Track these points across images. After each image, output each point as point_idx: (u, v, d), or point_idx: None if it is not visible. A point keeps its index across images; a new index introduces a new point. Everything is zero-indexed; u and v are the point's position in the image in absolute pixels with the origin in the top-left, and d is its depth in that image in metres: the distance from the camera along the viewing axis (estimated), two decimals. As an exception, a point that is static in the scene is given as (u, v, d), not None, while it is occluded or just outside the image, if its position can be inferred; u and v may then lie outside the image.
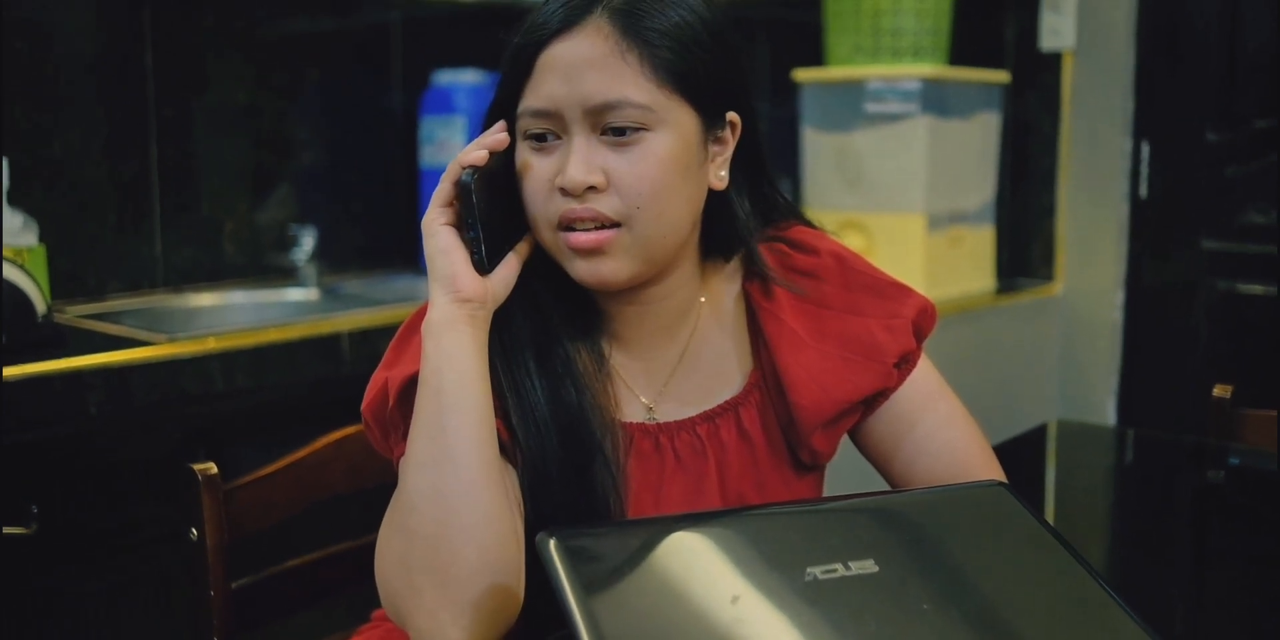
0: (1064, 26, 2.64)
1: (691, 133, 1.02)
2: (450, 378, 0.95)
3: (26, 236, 2.05)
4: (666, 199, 1.00)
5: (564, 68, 0.98)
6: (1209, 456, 1.61)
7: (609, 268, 1.00)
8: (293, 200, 2.58)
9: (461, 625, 0.91)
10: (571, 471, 1.01)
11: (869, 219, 2.51)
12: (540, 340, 1.05)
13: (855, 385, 1.09)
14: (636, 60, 0.98)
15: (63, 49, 2.22)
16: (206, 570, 1.21)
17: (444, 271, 0.98)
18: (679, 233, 1.03)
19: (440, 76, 2.65)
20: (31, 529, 1.69)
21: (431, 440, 0.94)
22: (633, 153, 0.98)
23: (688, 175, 1.01)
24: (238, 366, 1.91)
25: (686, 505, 1.07)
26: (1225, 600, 1.21)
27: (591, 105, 0.98)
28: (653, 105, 0.98)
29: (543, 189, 1.00)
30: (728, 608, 0.84)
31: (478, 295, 0.98)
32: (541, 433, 1.01)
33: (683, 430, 1.09)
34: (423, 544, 0.92)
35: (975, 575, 0.93)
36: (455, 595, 0.91)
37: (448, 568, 0.92)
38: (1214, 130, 2.55)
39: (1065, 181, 2.71)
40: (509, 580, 0.93)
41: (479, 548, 0.92)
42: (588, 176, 0.98)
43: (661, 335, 1.10)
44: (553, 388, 1.03)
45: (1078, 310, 2.72)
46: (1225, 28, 2.51)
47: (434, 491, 0.93)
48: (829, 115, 2.57)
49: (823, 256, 1.13)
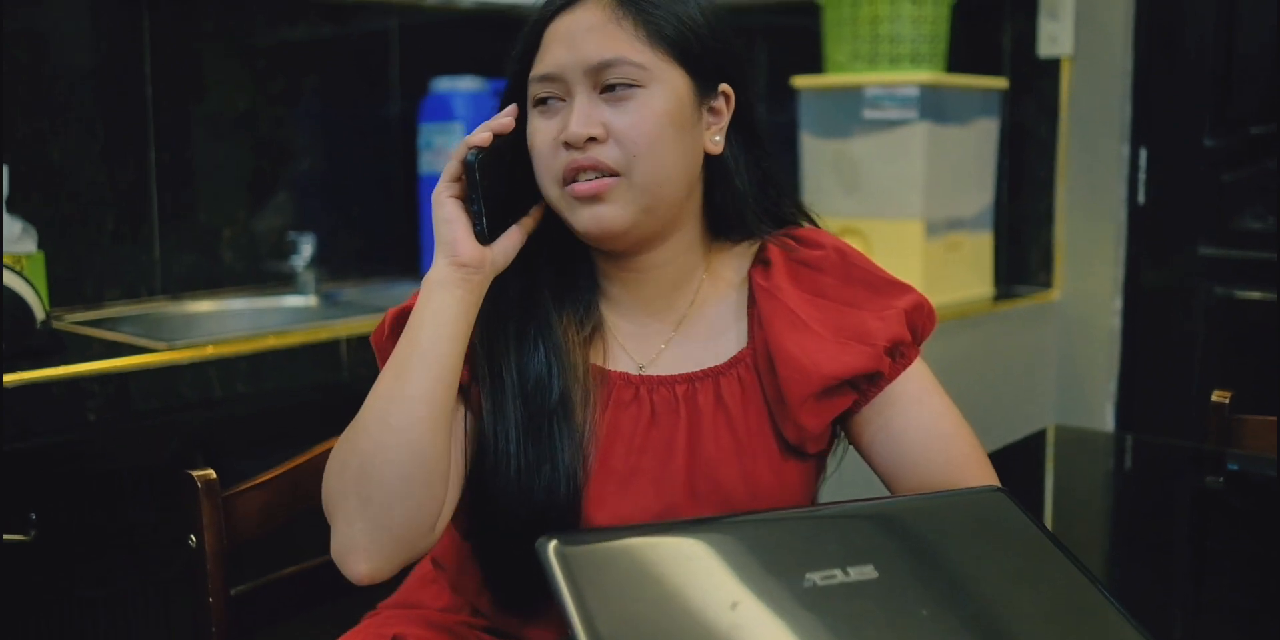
0: (1062, 33, 2.65)
1: (684, 93, 1.10)
2: (428, 332, 1.05)
3: (25, 243, 2.06)
4: (661, 149, 1.08)
5: (566, 36, 1.09)
6: (1208, 462, 1.61)
7: (609, 213, 1.08)
8: (291, 207, 2.58)
9: (371, 537, 1.02)
10: (527, 429, 1.09)
11: (867, 225, 2.52)
12: (525, 304, 1.14)
13: (844, 363, 1.12)
14: (631, 25, 1.08)
15: (61, 56, 2.22)
16: (206, 577, 1.20)
17: (445, 238, 1.08)
18: (676, 185, 1.11)
19: (438, 83, 2.66)
20: (31, 536, 1.69)
21: (395, 378, 1.05)
22: (628, 106, 1.08)
23: (681, 131, 1.10)
24: (236, 373, 1.91)
25: (657, 459, 1.12)
26: (1224, 606, 1.21)
27: (590, 65, 1.07)
28: (646, 64, 1.08)
29: (549, 146, 1.09)
30: (727, 613, 0.84)
31: (474, 261, 1.07)
32: (505, 392, 1.10)
33: (662, 385, 1.14)
34: (358, 460, 1.04)
35: (974, 581, 0.93)
36: (372, 512, 1.02)
37: (374, 487, 1.02)
38: (1211, 136, 2.55)
39: (1063, 187, 2.71)
40: (425, 515, 1.04)
41: (404, 479, 1.02)
42: (588, 128, 1.07)
43: (659, 303, 1.17)
44: (525, 351, 1.12)
45: (1076, 316, 2.72)
46: (1222, 34, 2.52)
47: (382, 420, 1.04)
48: (827, 122, 2.57)
49: (827, 251, 1.18)
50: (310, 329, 2.06)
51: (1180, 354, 2.61)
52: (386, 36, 2.71)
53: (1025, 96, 2.72)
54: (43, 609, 1.75)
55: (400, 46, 2.73)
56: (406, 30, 2.73)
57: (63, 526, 1.75)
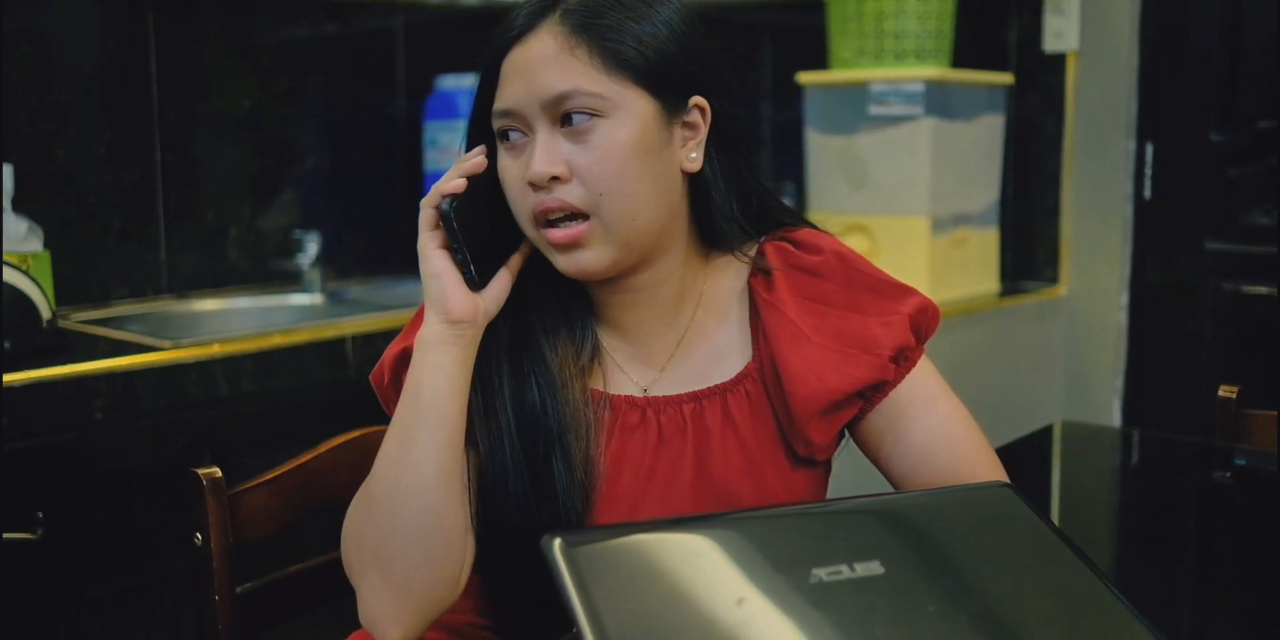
0: (1067, 28, 2.64)
1: (649, 117, 1.05)
2: (427, 394, 1.03)
3: (31, 243, 2.06)
4: (629, 183, 1.04)
5: (521, 69, 1.04)
6: (1214, 458, 1.60)
7: (588, 258, 1.05)
8: (296, 206, 2.58)
9: (397, 606, 1.02)
10: (526, 467, 1.07)
11: (873, 222, 2.51)
12: (515, 339, 1.11)
13: (850, 377, 1.10)
14: (586, 54, 1.03)
15: (67, 56, 2.23)
16: (212, 575, 1.21)
17: (436, 295, 1.05)
18: (651, 215, 1.06)
19: (443, 81, 2.66)
20: (38, 534, 1.69)
21: (400, 444, 1.03)
22: (590, 140, 1.03)
23: (649, 158, 1.05)
24: (242, 372, 1.91)
25: (665, 482, 1.10)
26: (1231, 602, 1.20)
27: (546, 98, 1.03)
28: (604, 93, 1.03)
29: (518, 187, 1.05)
30: (733, 610, 0.84)
31: (468, 316, 1.05)
32: (501, 429, 1.08)
33: (669, 406, 1.12)
34: (374, 532, 1.03)
35: (981, 577, 0.93)
36: (395, 582, 1.02)
37: (393, 559, 1.02)
38: (1217, 131, 2.55)
39: (1069, 183, 2.70)
40: (448, 575, 1.03)
41: (424, 547, 1.02)
42: (550, 167, 1.03)
43: (657, 322, 1.14)
44: (519, 387, 1.09)
45: (1082, 312, 2.71)
46: (1228, 29, 2.51)
47: (393, 490, 1.02)
48: (832, 118, 2.57)
49: (826, 255, 1.15)
50: (316, 327, 2.06)
51: (1187, 349, 2.61)
52: (391, 35, 2.71)
53: (1031, 92, 2.72)
54: (49, 607, 1.75)
55: (405, 45, 2.73)
56: (411, 28, 2.73)
57: (69, 525, 1.75)
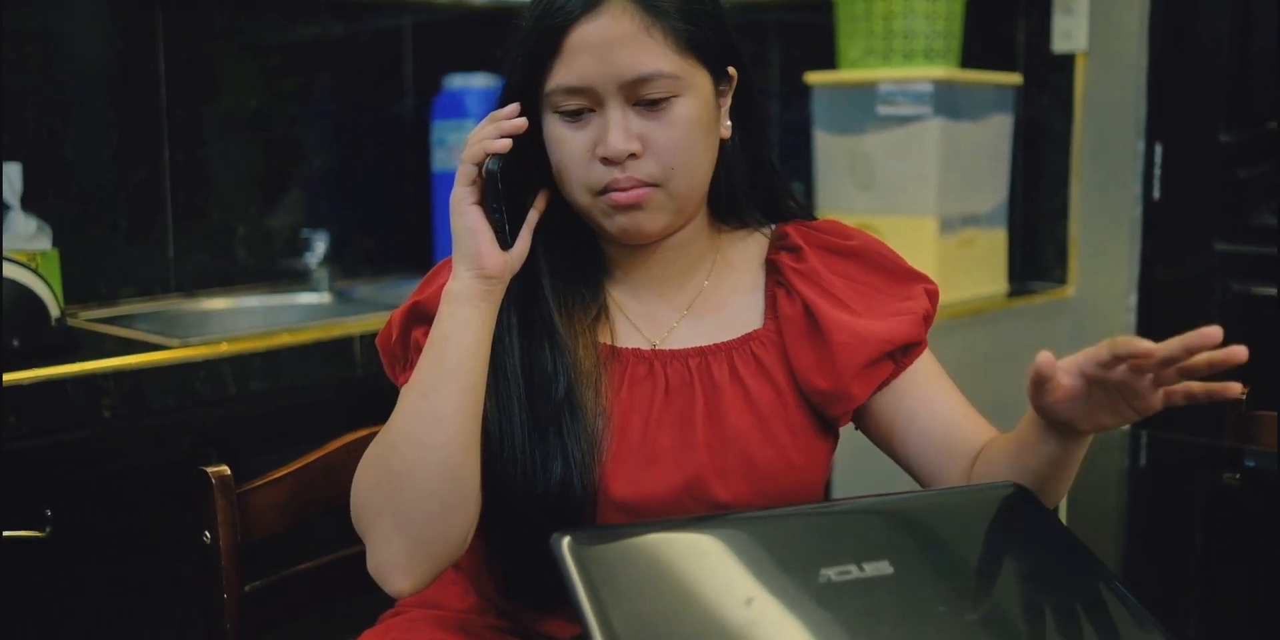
0: (1076, 28, 2.64)
1: (708, 93, 1.10)
2: (454, 348, 1.05)
3: (40, 241, 2.06)
4: (697, 157, 1.09)
5: (595, 47, 1.05)
6: (1224, 459, 1.60)
7: (647, 219, 1.09)
8: (304, 205, 2.58)
9: (407, 554, 1.03)
10: (534, 427, 1.08)
11: (881, 222, 2.51)
12: (527, 297, 1.13)
13: (893, 329, 1.15)
14: (661, 35, 1.06)
15: (75, 55, 2.23)
16: (220, 573, 1.21)
17: (470, 249, 1.06)
18: (706, 184, 1.13)
19: (451, 81, 2.66)
20: (45, 532, 1.69)
21: (423, 397, 1.04)
22: (664, 119, 1.06)
23: (709, 132, 1.11)
24: (250, 370, 1.91)
25: (677, 435, 1.11)
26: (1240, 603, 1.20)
27: (627, 80, 1.05)
28: (680, 74, 1.06)
29: (582, 158, 1.07)
30: (742, 609, 0.84)
31: (499, 271, 1.06)
32: (510, 390, 1.09)
33: (676, 359, 1.15)
34: (391, 481, 1.03)
35: (990, 577, 0.92)
36: (408, 531, 1.03)
37: (408, 507, 1.02)
38: (1227, 131, 2.54)
39: (1078, 183, 2.70)
40: (459, 528, 1.04)
41: (440, 498, 1.02)
42: (628, 144, 1.05)
43: (669, 284, 1.18)
44: (529, 346, 1.11)
45: (1090, 312, 2.71)
46: (1237, 29, 2.50)
47: (412, 440, 1.03)
48: (841, 118, 2.57)
49: (857, 241, 1.21)
50: (324, 326, 2.06)
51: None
52: (399, 34, 2.71)
53: (1040, 92, 2.72)
54: (57, 605, 1.75)
55: (413, 44, 2.73)
56: (419, 28, 2.73)
57: (77, 523, 1.75)
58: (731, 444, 1.11)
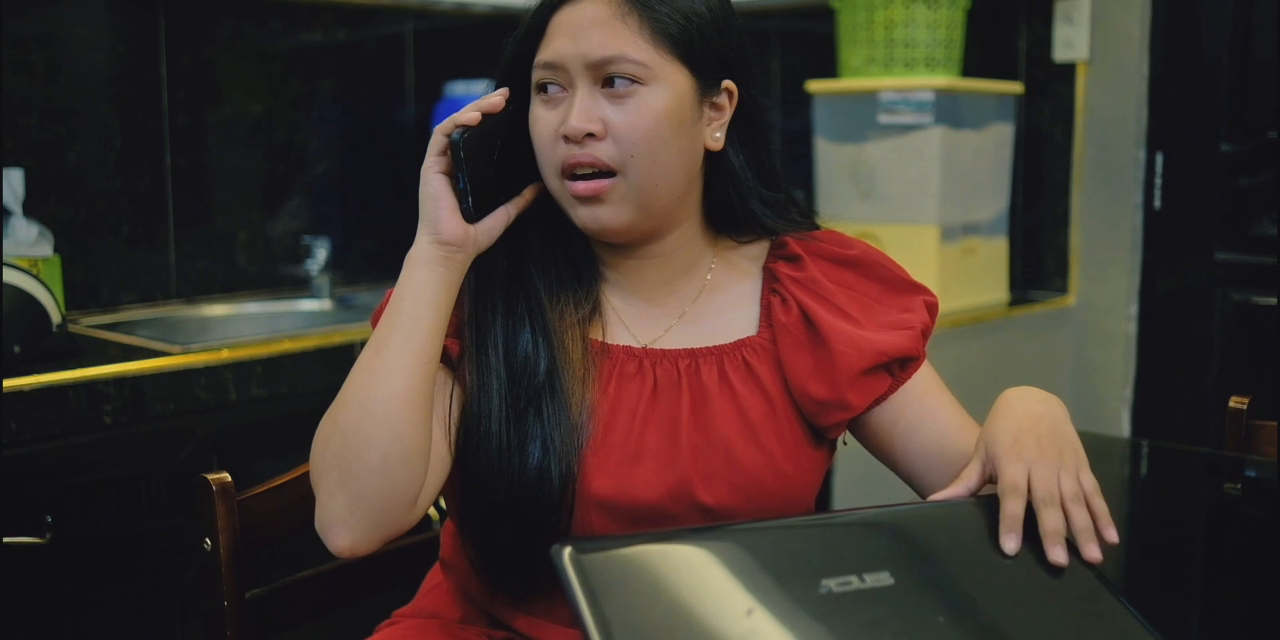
0: (1077, 37, 2.64)
1: (685, 92, 1.11)
2: (408, 308, 1.07)
3: (42, 247, 2.06)
4: (659, 148, 1.09)
5: (571, 27, 1.09)
6: (1225, 469, 1.60)
7: (606, 213, 1.10)
8: (306, 211, 2.59)
9: (350, 510, 1.03)
10: (512, 408, 1.09)
11: (882, 230, 2.51)
12: (513, 281, 1.15)
13: (890, 342, 1.15)
14: (635, 22, 1.08)
15: (78, 61, 2.23)
16: (220, 580, 1.21)
17: (430, 215, 1.09)
18: (671, 184, 1.12)
19: (453, 87, 2.66)
20: (46, 538, 1.69)
21: (376, 353, 1.06)
22: (628, 104, 1.08)
23: (680, 130, 1.10)
24: (251, 377, 1.91)
25: (662, 435, 1.12)
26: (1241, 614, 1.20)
27: (593, 60, 1.08)
28: (648, 62, 1.08)
29: (549, 138, 1.10)
30: (742, 620, 0.84)
31: (456, 239, 1.09)
32: (490, 368, 1.11)
33: (666, 359, 1.15)
34: (339, 435, 1.05)
35: (990, 588, 0.92)
36: (352, 486, 1.03)
37: (352, 461, 1.03)
38: (1228, 141, 2.54)
39: (1079, 192, 2.70)
40: (404, 491, 1.04)
41: (382, 454, 1.03)
42: (587, 124, 1.08)
43: (662, 289, 1.19)
44: (511, 328, 1.13)
45: (1091, 321, 2.71)
46: (1238, 38, 2.51)
47: (363, 394, 1.05)
48: (842, 126, 2.57)
49: (856, 251, 1.21)
50: (325, 333, 2.07)
51: (1197, 360, 2.60)
52: (401, 41, 2.71)
53: (1041, 101, 2.72)
54: (57, 612, 1.75)
55: (415, 51, 2.73)
56: (421, 35, 2.74)
57: (77, 529, 1.75)
58: (716, 447, 1.11)
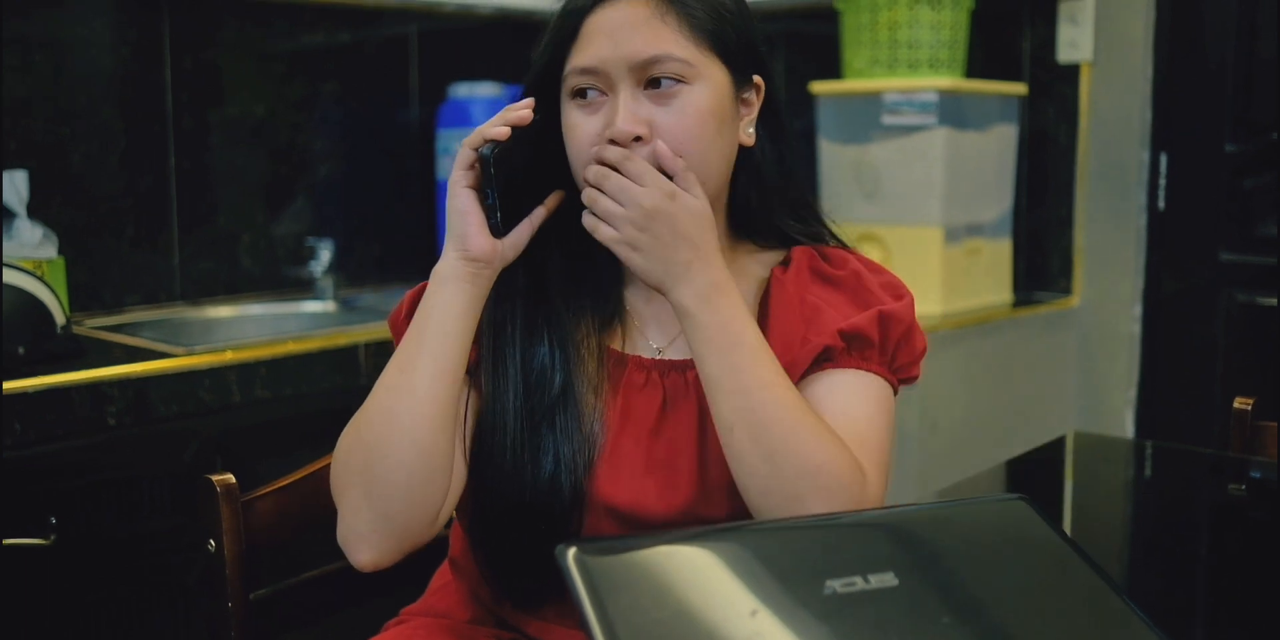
0: (1081, 38, 2.64)
1: (725, 89, 1.10)
2: (434, 327, 1.06)
3: (46, 249, 2.07)
4: (706, 147, 1.08)
5: (609, 30, 1.07)
6: (1230, 470, 1.60)
7: None
8: (310, 213, 2.59)
9: (374, 527, 1.04)
10: (526, 420, 1.09)
11: (886, 231, 2.51)
12: (532, 293, 1.14)
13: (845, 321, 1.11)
14: (675, 20, 1.07)
15: (82, 63, 2.23)
16: (224, 581, 1.21)
17: (458, 230, 1.07)
18: (715, 181, 1.11)
19: (457, 89, 2.66)
20: (50, 540, 1.70)
21: (401, 371, 1.06)
22: (674, 105, 1.07)
23: (722, 128, 1.10)
24: (255, 378, 1.91)
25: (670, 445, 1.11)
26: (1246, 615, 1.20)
27: (637, 61, 1.06)
28: (691, 60, 1.07)
29: (589, 142, 1.07)
30: (746, 621, 0.84)
31: (485, 255, 1.07)
32: (507, 378, 1.11)
33: (674, 370, 1.14)
34: (364, 452, 1.05)
35: (995, 589, 0.92)
36: (376, 503, 1.04)
37: (377, 480, 1.04)
38: (1232, 141, 2.54)
39: (1083, 193, 2.70)
40: (427, 507, 1.05)
41: (407, 474, 1.03)
42: (634, 127, 1.06)
43: None
44: (530, 339, 1.12)
45: (1095, 322, 2.71)
46: (1243, 39, 2.51)
47: (389, 413, 1.05)
48: (846, 128, 2.57)
49: (847, 272, 1.17)
50: (329, 334, 2.07)
51: (1201, 360, 2.60)
52: (405, 42, 2.72)
53: (1045, 102, 2.72)
54: (61, 613, 1.75)
55: (419, 52, 2.74)
56: (425, 36, 2.74)
57: (82, 531, 1.75)
58: (722, 462, 1.08)
